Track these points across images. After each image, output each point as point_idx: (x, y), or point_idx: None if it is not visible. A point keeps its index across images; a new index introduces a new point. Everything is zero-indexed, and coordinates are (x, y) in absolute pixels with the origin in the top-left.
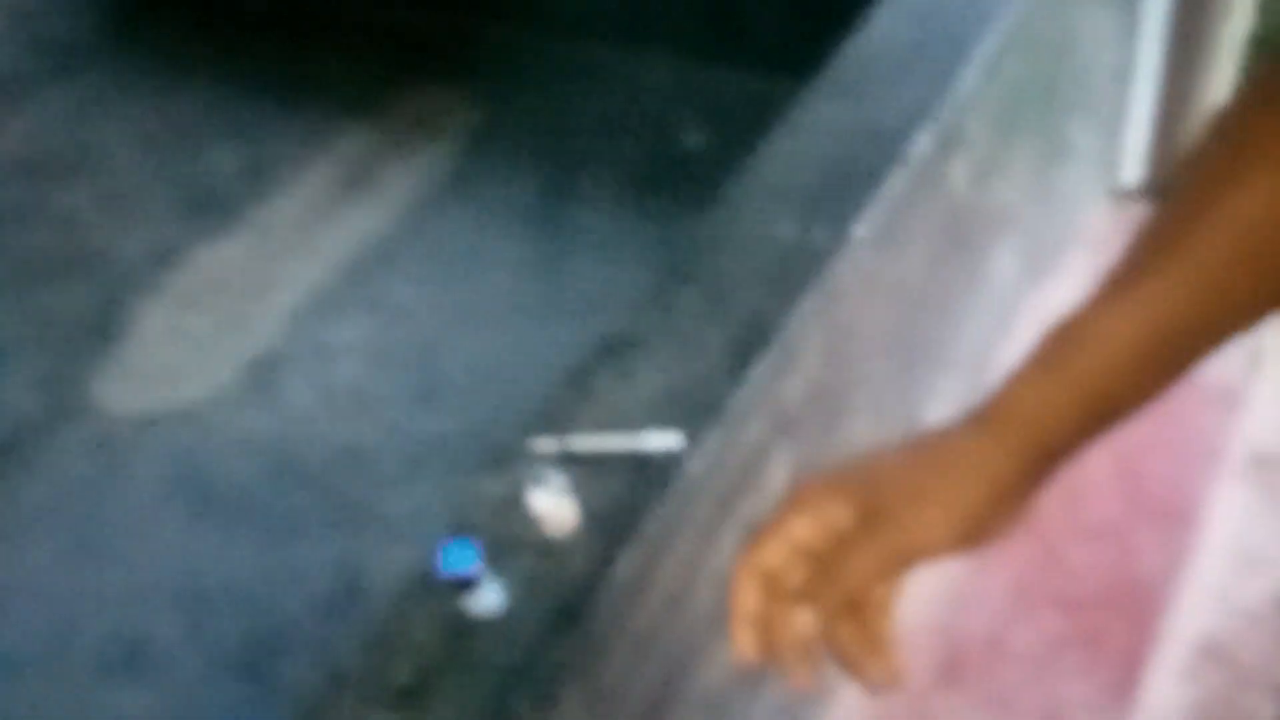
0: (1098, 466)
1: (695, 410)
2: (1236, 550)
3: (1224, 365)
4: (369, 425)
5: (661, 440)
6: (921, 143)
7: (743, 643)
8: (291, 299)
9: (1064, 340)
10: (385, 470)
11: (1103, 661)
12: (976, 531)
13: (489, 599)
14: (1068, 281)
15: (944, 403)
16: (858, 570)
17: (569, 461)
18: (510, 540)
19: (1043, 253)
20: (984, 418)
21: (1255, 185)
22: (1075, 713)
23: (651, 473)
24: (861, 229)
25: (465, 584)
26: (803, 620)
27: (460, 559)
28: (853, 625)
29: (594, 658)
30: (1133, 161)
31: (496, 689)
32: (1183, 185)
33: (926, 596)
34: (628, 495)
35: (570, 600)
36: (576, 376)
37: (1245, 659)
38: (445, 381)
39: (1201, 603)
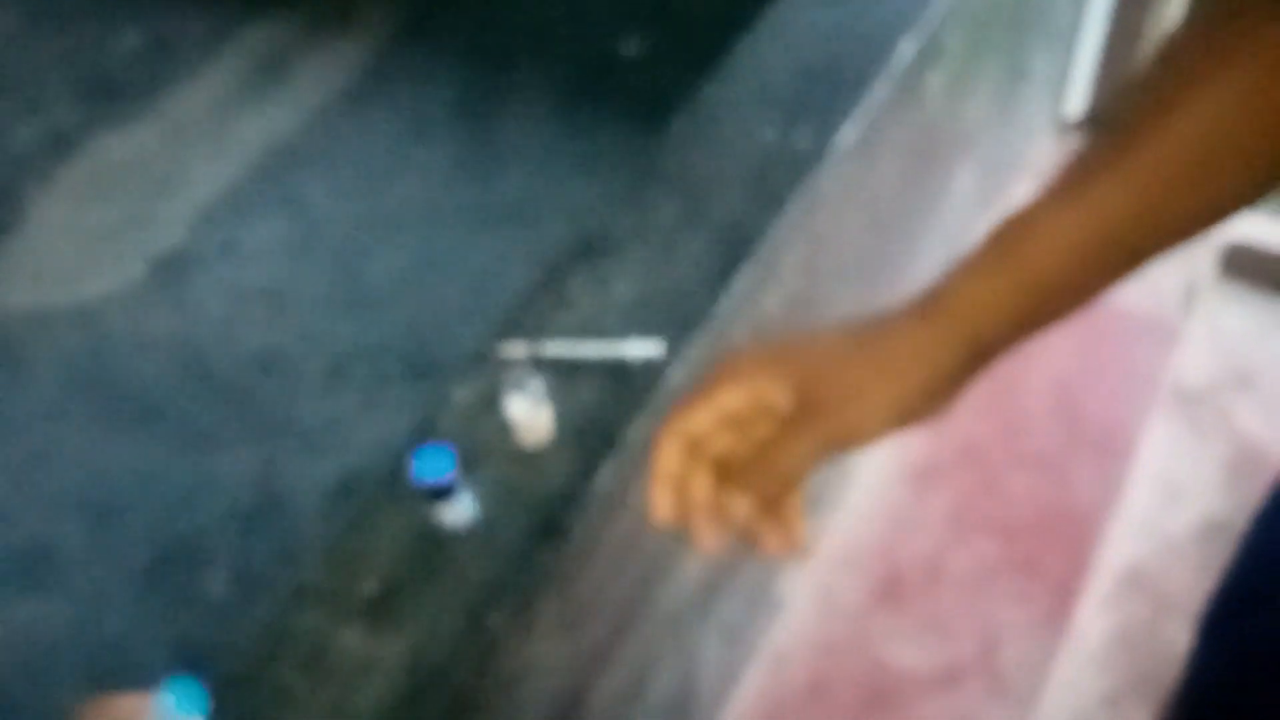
0: (1037, 398)
1: (675, 318)
2: (1163, 482)
3: (1160, 300)
4: (285, 331)
5: (641, 348)
6: (905, 50)
7: (659, 503)
8: (199, 195)
9: (1010, 235)
10: (303, 378)
11: (1038, 587)
12: (909, 419)
13: (462, 509)
14: (1012, 207)
15: None
16: (793, 457)
17: (542, 369)
18: (483, 449)
19: (995, 177)
20: (926, 307)
21: (1222, 84)
22: (1010, 636)
23: (630, 382)
24: (846, 135)
25: (439, 493)
26: (737, 503)
27: (435, 466)
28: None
29: (572, 570)
30: (1078, 94)
31: (471, 602)
32: (1145, 87)
33: (867, 519)
34: (605, 405)
35: (548, 512)
36: (549, 280)
37: (1168, 588)
38: (365, 288)
39: (1128, 533)
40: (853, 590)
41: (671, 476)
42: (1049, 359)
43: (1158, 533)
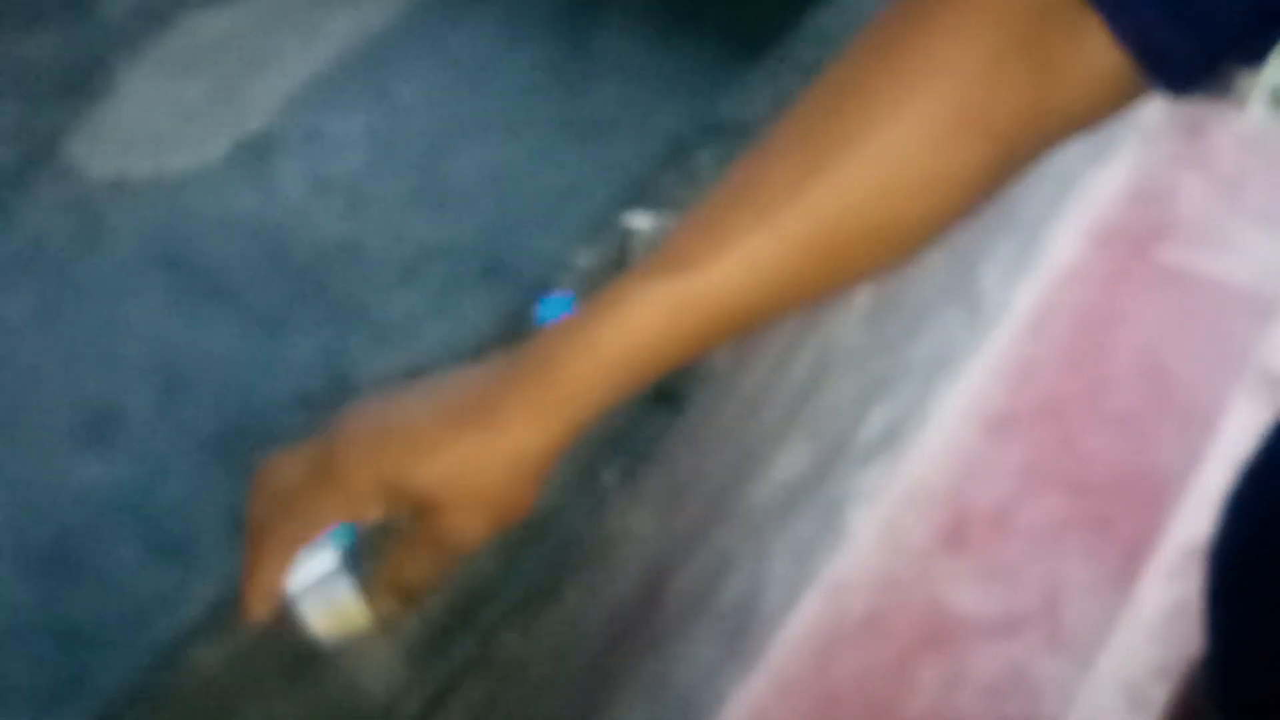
0: (1125, 360)
1: None
2: (1239, 460)
3: (1261, 275)
4: (364, 223)
5: None
6: None
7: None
8: (288, 80)
9: (639, 301)
10: (379, 272)
11: (1107, 548)
12: (510, 516)
13: None
14: (1117, 168)
15: (995, 264)
16: (417, 572)
17: None
18: None
19: (1105, 131)
20: (535, 388)
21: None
22: (1074, 593)
23: None
24: None
25: None
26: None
27: (563, 314)
28: None
29: (680, 445)
30: None
31: (583, 457)
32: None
33: (939, 462)
34: None
35: (665, 381)
36: (675, 155)
37: None
38: (447, 188)
39: (1201, 507)
40: (918, 530)
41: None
42: (1139, 323)
43: None
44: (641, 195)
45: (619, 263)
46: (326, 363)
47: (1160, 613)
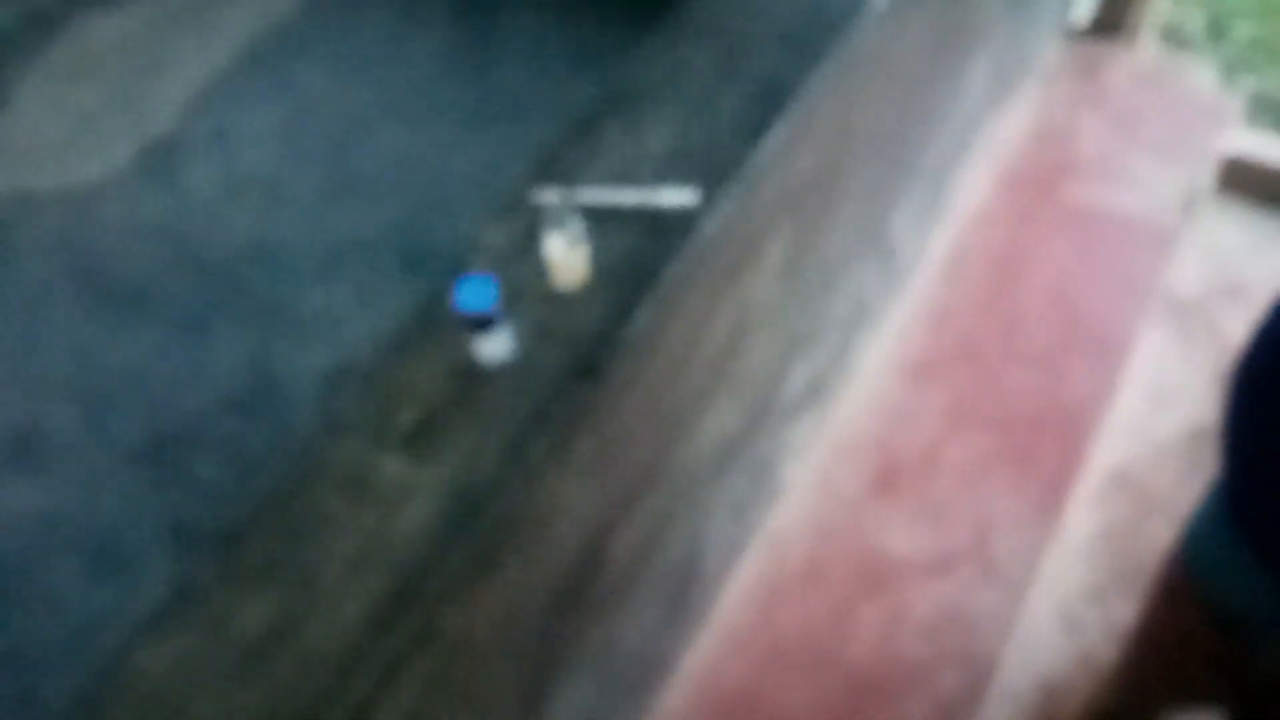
0: (1036, 299)
1: (709, 169)
2: (1153, 387)
3: (1159, 209)
4: (278, 219)
5: (677, 196)
6: None
7: None
8: (189, 80)
9: None
10: (297, 267)
11: (1030, 480)
12: None
13: (501, 343)
14: (1019, 112)
15: (905, 215)
16: None
17: (578, 215)
18: (519, 288)
19: (1005, 77)
20: None
21: None
22: (1002, 527)
23: (665, 229)
24: None
25: (480, 323)
26: None
27: (479, 295)
28: None
29: (605, 413)
30: (1084, 2)
31: (510, 434)
32: None
33: (866, 411)
34: (640, 251)
35: (584, 351)
36: (582, 129)
37: (1153, 489)
38: (360, 178)
39: (1118, 434)
40: (851, 478)
41: None
42: (1048, 261)
43: (1146, 436)
44: (550, 171)
45: (530, 238)
46: (251, 364)
47: (1087, 538)
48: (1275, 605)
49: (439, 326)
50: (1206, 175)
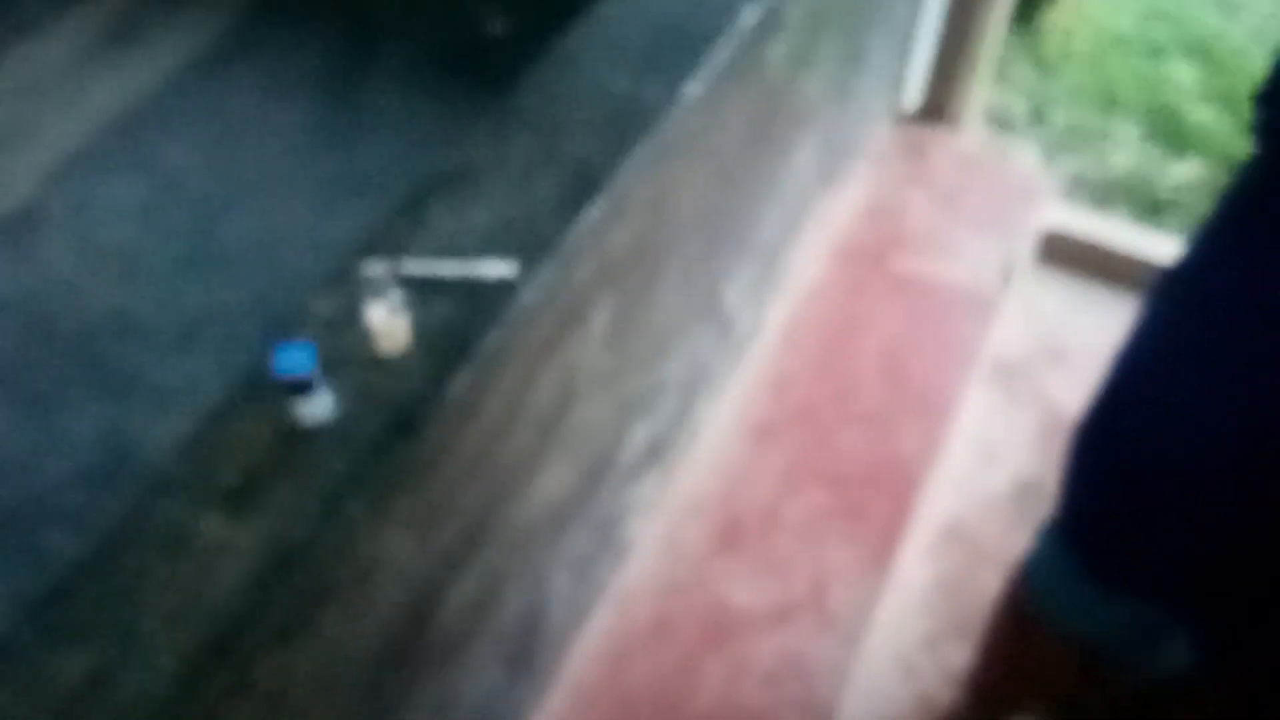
0: (867, 363)
1: (528, 244)
2: (980, 443)
3: (981, 278)
4: (137, 292)
5: (496, 268)
6: (747, 15)
7: None
8: (49, 152)
9: None
10: (155, 339)
11: (864, 534)
12: None
13: (321, 405)
14: (851, 190)
15: (739, 286)
16: None
17: (402, 286)
18: (343, 354)
19: (835, 158)
20: None
21: None
22: (839, 578)
23: (485, 299)
24: (691, 90)
25: (299, 387)
26: None
27: (297, 360)
28: None
29: (425, 472)
30: (914, 86)
31: (328, 493)
32: None
33: (709, 471)
34: (460, 319)
35: (403, 412)
36: (409, 206)
37: (983, 540)
38: (220, 251)
39: (948, 489)
40: (695, 536)
41: None
42: (878, 327)
43: (975, 490)
44: (377, 244)
45: (354, 308)
46: (106, 436)
47: (922, 587)
48: (1123, 624)
49: (263, 391)
50: (1025, 247)
